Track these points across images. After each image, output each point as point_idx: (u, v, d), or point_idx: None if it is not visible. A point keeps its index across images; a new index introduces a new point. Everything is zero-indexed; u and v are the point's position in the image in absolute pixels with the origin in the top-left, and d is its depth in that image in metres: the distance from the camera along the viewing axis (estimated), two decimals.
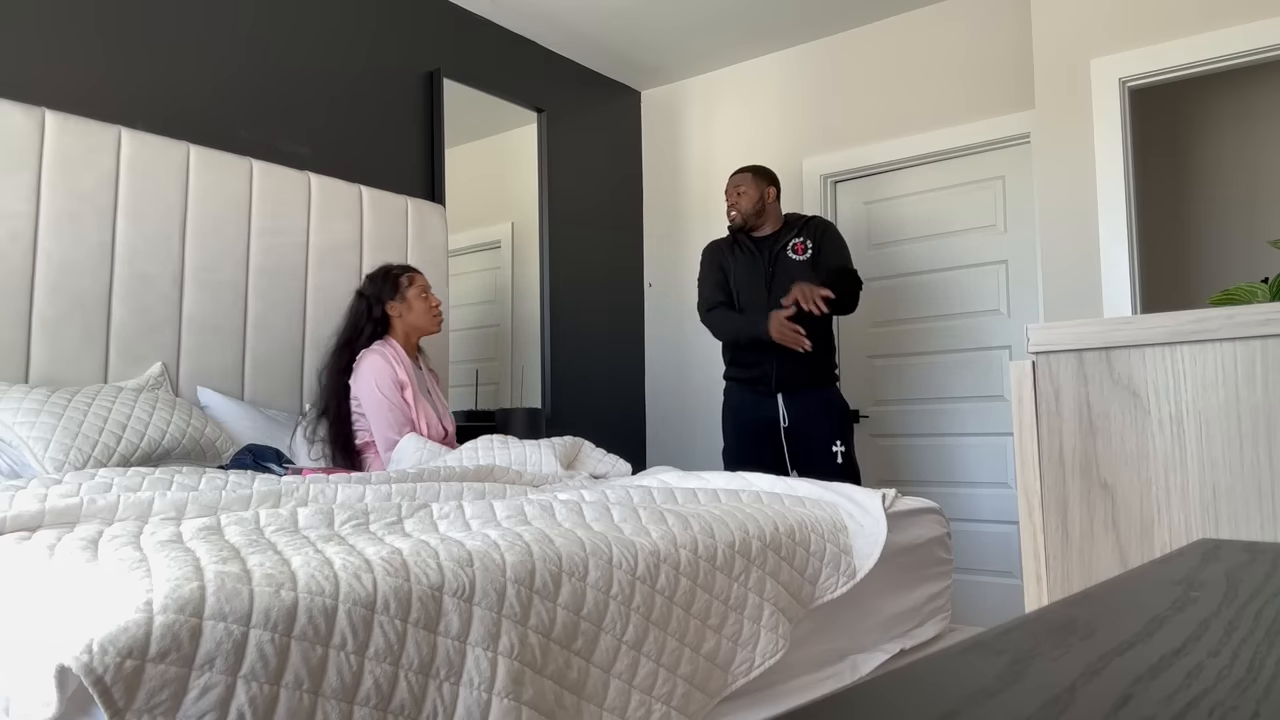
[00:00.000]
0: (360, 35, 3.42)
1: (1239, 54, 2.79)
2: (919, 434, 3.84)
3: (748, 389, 3.23)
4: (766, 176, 3.29)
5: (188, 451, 2.40)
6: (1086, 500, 1.14)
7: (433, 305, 2.89)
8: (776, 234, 3.26)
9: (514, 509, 1.57)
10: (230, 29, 3.04)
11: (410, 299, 2.85)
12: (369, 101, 3.43)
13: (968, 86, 3.71)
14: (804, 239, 3.22)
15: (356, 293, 2.92)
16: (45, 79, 2.60)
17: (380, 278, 2.88)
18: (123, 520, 1.43)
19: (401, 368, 2.76)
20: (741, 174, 3.29)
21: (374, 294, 2.85)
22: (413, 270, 2.91)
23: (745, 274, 3.24)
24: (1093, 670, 0.38)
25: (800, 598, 1.74)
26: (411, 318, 2.86)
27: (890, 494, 2.07)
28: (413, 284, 2.87)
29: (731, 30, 4.04)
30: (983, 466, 3.69)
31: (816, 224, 3.28)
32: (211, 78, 2.97)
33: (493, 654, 1.17)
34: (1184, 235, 3.91)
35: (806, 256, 3.20)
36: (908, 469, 3.85)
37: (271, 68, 3.14)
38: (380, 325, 2.84)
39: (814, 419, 3.14)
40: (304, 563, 1.12)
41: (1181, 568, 0.62)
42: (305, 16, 3.25)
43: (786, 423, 3.15)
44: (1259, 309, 1.04)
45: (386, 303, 2.84)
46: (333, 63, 3.33)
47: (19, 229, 2.38)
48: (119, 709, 0.89)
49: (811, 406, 3.15)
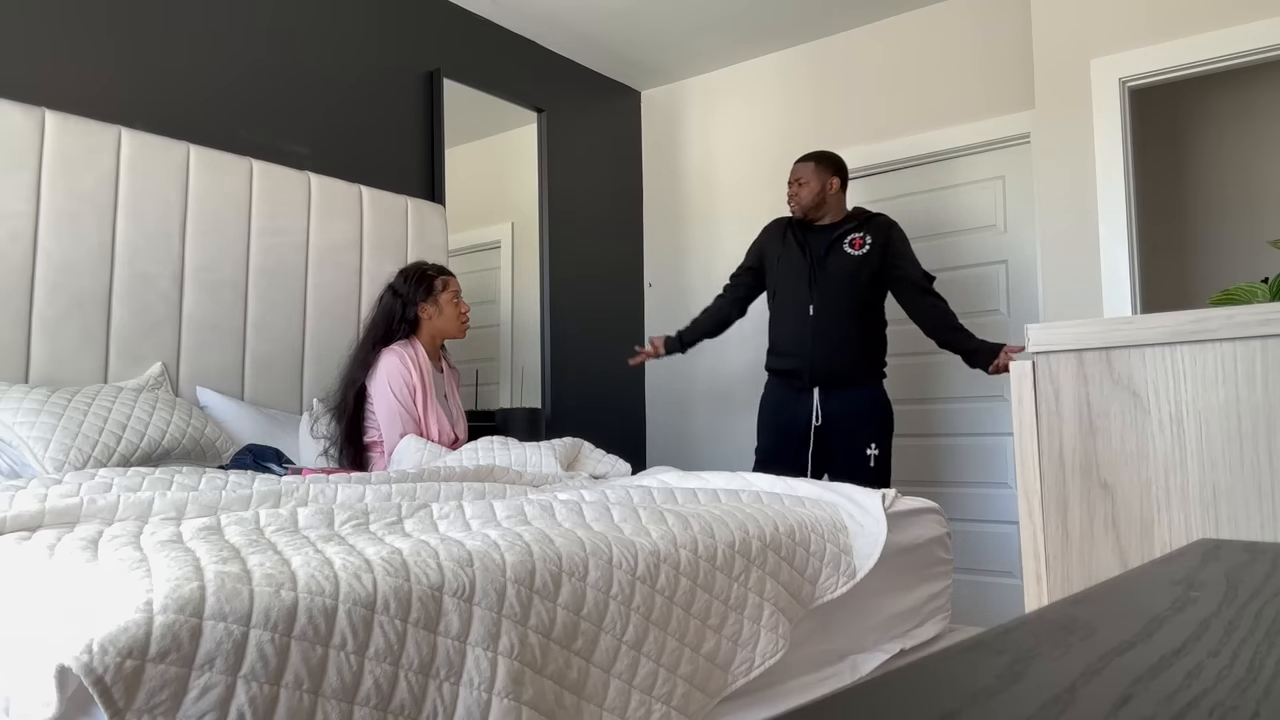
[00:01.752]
0: (360, 35, 3.42)
1: (1239, 54, 2.79)
2: (919, 434, 3.83)
3: (785, 383, 3.13)
4: (831, 165, 3.14)
5: (188, 451, 2.40)
6: (1086, 500, 1.14)
7: (462, 311, 2.87)
8: (834, 225, 3.13)
9: (514, 509, 1.57)
10: (230, 29, 3.03)
11: (442, 303, 2.82)
12: (369, 101, 3.43)
13: (968, 86, 3.71)
14: (863, 234, 3.09)
15: (389, 288, 2.87)
16: (45, 79, 2.60)
17: (415, 278, 2.83)
18: (123, 520, 1.43)
19: (418, 371, 2.74)
20: (804, 163, 3.15)
21: (407, 294, 2.81)
22: (448, 273, 2.89)
23: (789, 266, 3.14)
24: (1093, 670, 0.38)
25: (800, 598, 1.74)
26: (440, 322, 2.83)
27: (890, 494, 2.07)
28: (446, 288, 2.84)
29: (731, 30, 4.04)
30: (983, 466, 3.69)
31: (881, 221, 3.14)
32: (211, 78, 2.98)
33: (493, 654, 1.17)
34: (1184, 235, 3.91)
35: (863, 252, 3.06)
36: (908, 469, 3.85)
37: (271, 68, 3.14)
38: (410, 325, 2.81)
39: (850, 417, 3.02)
40: (304, 563, 1.12)
41: (1181, 568, 0.62)
42: (305, 17, 3.25)
43: (819, 420, 3.03)
44: (1259, 309, 1.04)
45: (419, 304, 2.80)
46: (333, 63, 3.33)
47: (19, 229, 2.39)
48: (119, 709, 0.89)
49: (849, 404, 3.03)
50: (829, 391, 3.04)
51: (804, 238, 3.15)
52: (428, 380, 2.76)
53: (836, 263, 3.08)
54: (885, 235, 3.10)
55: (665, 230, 4.60)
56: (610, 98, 4.53)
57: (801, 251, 3.13)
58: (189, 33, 2.93)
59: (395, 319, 2.80)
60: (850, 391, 3.04)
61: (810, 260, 3.11)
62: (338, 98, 3.33)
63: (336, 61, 3.34)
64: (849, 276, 3.06)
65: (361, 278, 3.18)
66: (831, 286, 3.06)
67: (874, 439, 3.01)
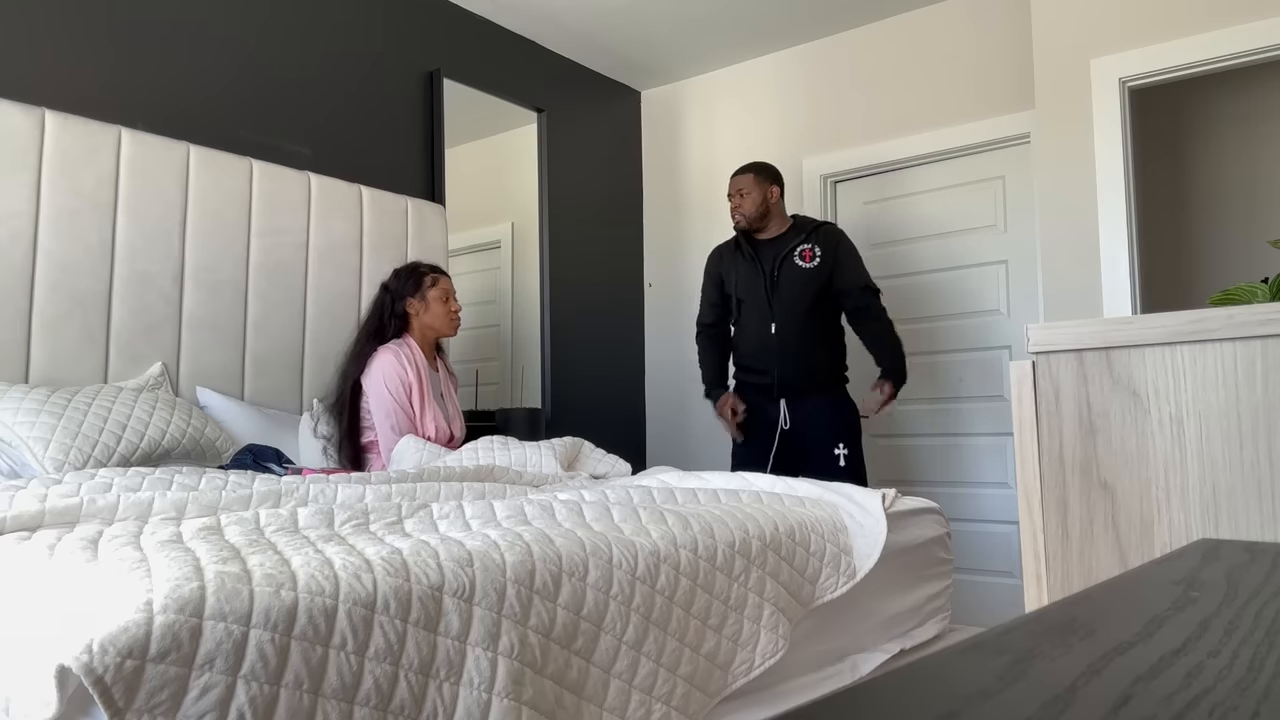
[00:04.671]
0: (360, 35, 3.42)
1: (1239, 54, 2.79)
2: (919, 434, 3.83)
3: (752, 392, 3.22)
4: (769, 175, 3.20)
5: (188, 451, 2.40)
6: (1086, 500, 1.14)
7: (452, 310, 2.90)
8: (782, 237, 3.18)
9: (514, 509, 1.57)
10: (231, 29, 3.04)
11: (430, 299, 2.85)
12: (369, 101, 3.43)
13: (968, 86, 3.71)
14: (812, 246, 3.14)
15: (381, 285, 2.92)
16: (45, 79, 2.60)
17: (406, 274, 2.88)
18: (123, 520, 1.43)
19: (412, 369, 2.76)
20: (743, 175, 3.20)
21: (396, 289, 2.86)
22: (439, 272, 2.92)
23: (747, 282, 3.19)
24: (1093, 670, 0.38)
25: (800, 598, 1.74)
26: (428, 318, 2.86)
27: (890, 494, 2.07)
28: (435, 285, 2.87)
29: (731, 30, 4.04)
30: (983, 466, 3.69)
31: (828, 232, 3.19)
32: (211, 78, 2.98)
33: (493, 654, 1.17)
34: (1184, 235, 3.92)
35: (814, 264, 3.12)
36: (908, 469, 3.85)
37: (271, 68, 3.14)
38: (400, 321, 2.85)
39: (816, 422, 3.12)
40: (304, 563, 1.12)
41: (1181, 568, 0.62)
42: (306, 16, 3.25)
43: (787, 425, 3.14)
44: (1259, 309, 1.04)
45: (406, 299, 2.84)
46: (333, 63, 3.33)
47: (19, 229, 2.39)
48: (119, 709, 0.89)
49: (814, 410, 3.13)
50: (794, 401, 3.14)
51: (754, 253, 3.20)
52: (424, 378, 2.77)
53: (790, 277, 3.13)
54: (834, 246, 3.17)
55: (665, 230, 4.60)
56: (610, 98, 4.53)
57: (755, 267, 3.19)
58: (189, 33, 2.93)
59: (386, 314, 2.85)
60: (815, 399, 3.13)
61: (764, 275, 3.16)
62: (338, 98, 3.33)
63: (337, 61, 3.34)
64: (803, 290, 3.12)
65: (361, 278, 3.18)
66: (788, 301, 3.11)
67: (841, 440, 3.10)
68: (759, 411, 3.20)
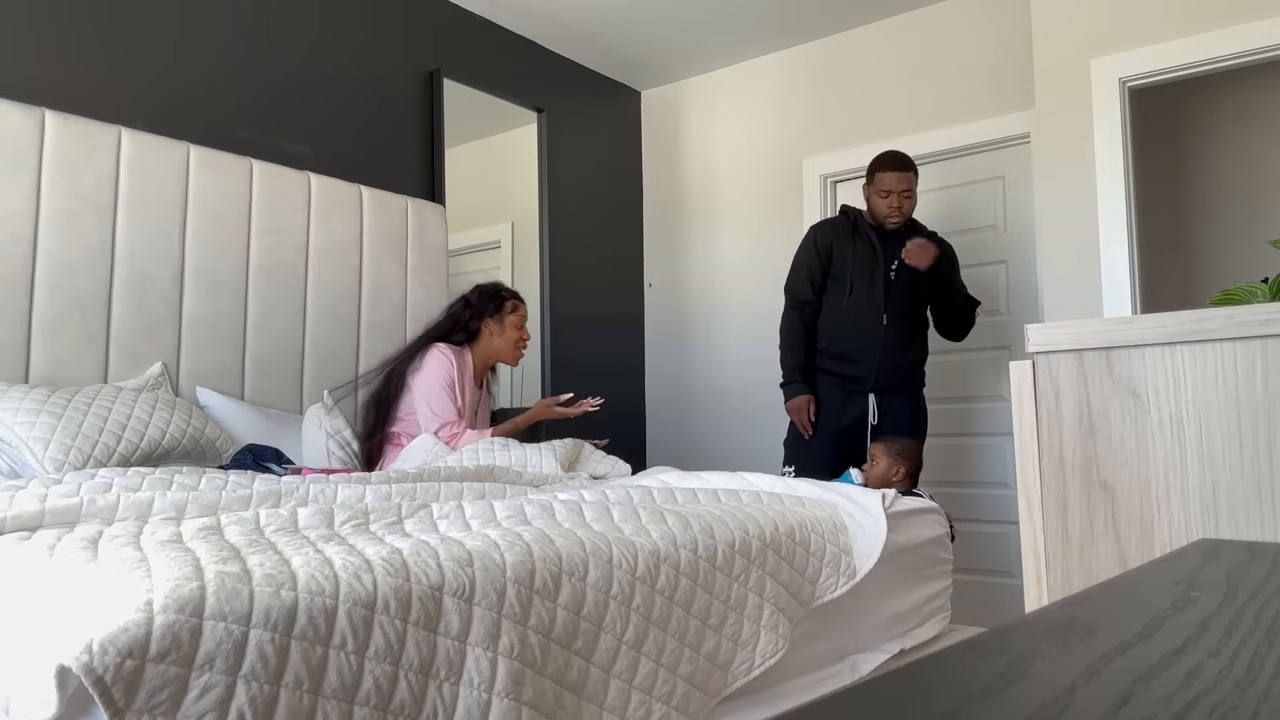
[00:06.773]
0: (360, 35, 3.42)
1: (1239, 54, 2.79)
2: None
3: (838, 386, 3.09)
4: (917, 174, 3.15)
5: (188, 451, 2.40)
6: (1086, 500, 1.14)
7: (523, 338, 2.96)
8: (903, 234, 3.09)
9: (514, 509, 1.57)
10: (230, 29, 3.03)
11: (507, 324, 2.92)
12: (369, 101, 3.43)
13: (968, 86, 3.71)
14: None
15: (462, 297, 2.98)
16: (45, 79, 2.60)
17: (490, 294, 2.95)
18: (123, 520, 1.43)
19: (460, 375, 2.83)
20: (908, 172, 3.07)
21: (478, 306, 2.92)
22: (520, 300, 2.98)
23: (863, 266, 3.08)
24: (1093, 670, 0.38)
25: (800, 598, 1.74)
26: (499, 342, 2.93)
27: (890, 494, 2.07)
28: (514, 312, 2.94)
29: (731, 30, 4.04)
30: (983, 466, 3.69)
31: (939, 240, 3.15)
32: (211, 78, 2.97)
33: (493, 654, 1.17)
34: (1184, 235, 3.91)
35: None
36: None
37: (271, 68, 3.14)
38: (469, 336, 2.92)
39: (900, 421, 3.06)
40: (304, 563, 1.12)
41: (1181, 568, 0.62)
42: (305, 16, 3.25)
43: (875, 420, 3.06)
44: (1259, 309, 1.04)
45: (484, 319, 2.91)
46: (333, 63, 3.33)
47: (19, 229, 2.38)
48: (119, 709, 0.89)
49: (899, 408, 3.07)
50: (884, 396, 3.08)
51: (879, 244, 3.10)
52: (467, 388, 2.83)
53: (905, 274, 3.08)
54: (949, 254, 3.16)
55: (665, 230, 4.60)
56: (610, 98, 4.53)
57: (875, 254, 3.10)
58: (189, 33, 2.93)
59: (458, 325, 2.92)
60: (901, 397, 3.10)
61: (885, 264, 3.08)
62: (338, 98, 3.33)
63: (336, 61, 3.34)
64: (916, 289, 3.09)
65: (361, 278, 3.18)
66: (902, 297, 3.08)
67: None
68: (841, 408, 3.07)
